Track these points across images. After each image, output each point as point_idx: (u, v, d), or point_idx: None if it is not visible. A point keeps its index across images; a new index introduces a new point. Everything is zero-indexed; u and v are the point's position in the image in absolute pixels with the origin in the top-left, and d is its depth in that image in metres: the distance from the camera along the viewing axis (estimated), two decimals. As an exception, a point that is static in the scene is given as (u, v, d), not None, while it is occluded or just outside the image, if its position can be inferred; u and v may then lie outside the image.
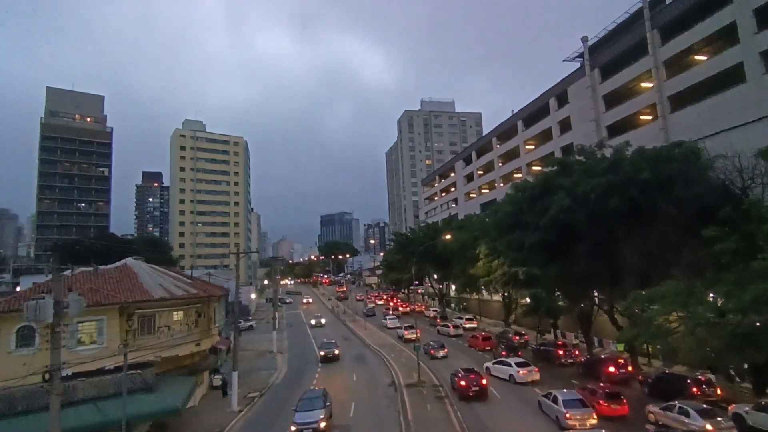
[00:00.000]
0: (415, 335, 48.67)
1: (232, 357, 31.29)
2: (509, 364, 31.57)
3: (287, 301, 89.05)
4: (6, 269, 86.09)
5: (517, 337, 43.68)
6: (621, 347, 33.92)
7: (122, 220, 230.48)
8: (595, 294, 34.64)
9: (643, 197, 25.15)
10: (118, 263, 30.02)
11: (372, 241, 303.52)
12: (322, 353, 42.82)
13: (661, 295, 20.80)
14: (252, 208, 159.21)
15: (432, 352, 41.00)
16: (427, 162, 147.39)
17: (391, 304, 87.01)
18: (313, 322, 64.78)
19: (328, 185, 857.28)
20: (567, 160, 32.05)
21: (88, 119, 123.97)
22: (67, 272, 25.94)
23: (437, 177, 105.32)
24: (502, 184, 70.30)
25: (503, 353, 37.50)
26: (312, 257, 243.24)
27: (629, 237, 25.75)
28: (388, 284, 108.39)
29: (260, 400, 30.88)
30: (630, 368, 30.27)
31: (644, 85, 42.72)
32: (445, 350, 41.11)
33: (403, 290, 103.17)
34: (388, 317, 65.36)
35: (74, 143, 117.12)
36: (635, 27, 43.82)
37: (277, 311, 57.60)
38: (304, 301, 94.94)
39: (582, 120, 50.96)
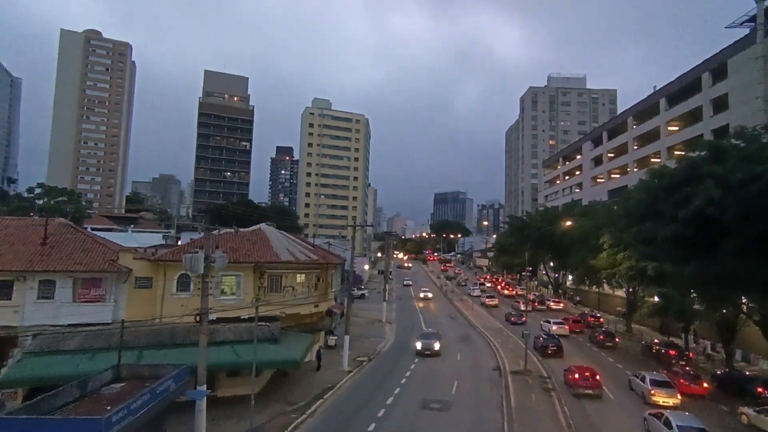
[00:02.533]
0: (495, 302, 64.54)
1: (345, 321, 33.53)
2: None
3: (405, 283, 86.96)
4: (172, 225, 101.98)
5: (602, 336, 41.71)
6: (773, 365, 29.05)
7: (258, 189, 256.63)
8: (743, 300, 29.84)
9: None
10: (253, 227, 33.66)
11: (485, 223, 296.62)
12: (418, 346, 35.57)
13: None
14: (369, 184, 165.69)
15: (513, 319, 51.25)
16: (550, 142, 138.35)
17: (499, 286, 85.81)
18: (421, 295, 66.62)
19: (445, 164, 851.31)
20: (720, 143, 27.54)
21: (235, 98, 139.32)
22: (215, 232, 29.89)
23: (561, 159, 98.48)
24: (635, 169, 63.28)
25: (600, 337, 40.88)
26: (424, 234, 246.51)
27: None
28: (500, 267, 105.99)
29: (368, 365, 32.76)
30: (784, 391, 25.89)
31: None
32: (524, 318, 46.69)
33: (514, 275, 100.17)
34: (474, 287, 78.01)
35: (223, 120, 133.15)
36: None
37: (388, 283, 59.89)
38: (406, 282, 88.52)
39: (744, 97, 43.17)
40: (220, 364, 22.11)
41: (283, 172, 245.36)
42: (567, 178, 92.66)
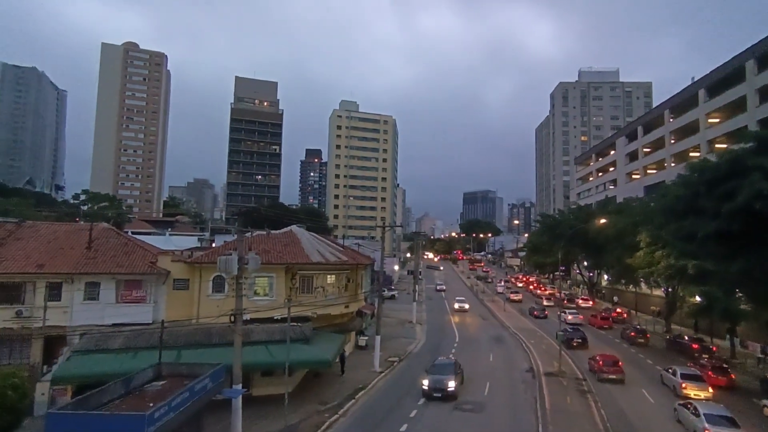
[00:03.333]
0: (519, 297, 68.60)
1: (376, 322, 33.68)
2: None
3: (438, 288, 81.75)
4: (206, 228, 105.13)
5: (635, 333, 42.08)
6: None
7: (289, 191, 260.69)
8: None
9: None
10: (285, 229, 34.29)
11: (516, 222, 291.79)
12: (425, 384, 24.63)
13: None
14: (398, 184, 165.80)
15: (535, 313, 55.20)
16: (582, 138, 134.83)
17: (531, 286, 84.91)
18: (456, 306, 60.45)
19: (474, 163, 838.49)
20: (768, 135, 26.16)
21: (265, 104, 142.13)
22: (248, 234, 30.64)
23: (593, 155, 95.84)
24: (673, 164, 60.87)
25: (632, 334, 41.41)
26: (453, 234, 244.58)
27: None
28: (531, 267, 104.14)
29: (399, 365, 32.78)
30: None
31: None
32: (546, 312, 53.62)
33: (547, 275, 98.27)
34: (500, 283, 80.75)
35: (254, 124, 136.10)
36: None
37: (418, 284, 59.74)
38: (439, 287, 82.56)
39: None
40: (255, 363, 22.63)
41: (312, 174, 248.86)
42: (600, 174, 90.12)
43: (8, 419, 17.65)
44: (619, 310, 56.57)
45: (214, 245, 38.81)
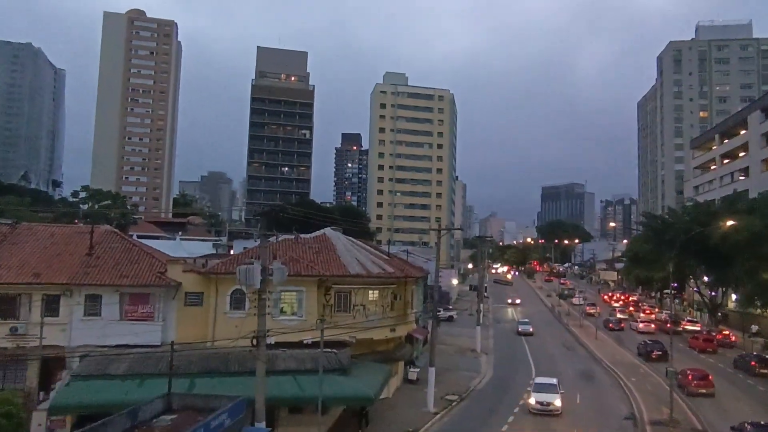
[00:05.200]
0: (597, 310, 72.80)
1: (430, 350, 33.59)
2: None
3: (509, 301, 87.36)
4: (223, 231, 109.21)
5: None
6: None
7: (321, 186, 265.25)
8: None
9: None
10: (317, 233, 34.90)
11: (611, 224, 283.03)
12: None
13: None
14: (457, 176, 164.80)
15: (610, 325, 63.22)
16: (700, 115, 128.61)
17: (630, 307, 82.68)
18: (520, 329, 61.24)
19: (557, 149, 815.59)
20: None
21: (293, 78, 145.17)
22: (272, 239, 31.42)
23: (716, 136, 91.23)
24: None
25: (752, 363, 41.56)
26: (528, 240, 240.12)
27: None
28: (632, 282, 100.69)
29: (459, 405, 32.52)
30: None
31: None
32: (622, 324, 63.05)
33: (653, 294, 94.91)
34: (577, 295, 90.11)
35: (279, 104, 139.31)
36: None
37: (482, 303, 59.09)
38: (509, 301, 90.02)
39: None
40: (281, 397, 23.18)
41: (350, 165, 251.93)
42: (726, 162, 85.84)
43: (2, 451, 19.09)
44: (726, 332, 58.07)
45: (232, 252, 40.19)
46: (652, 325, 63.19)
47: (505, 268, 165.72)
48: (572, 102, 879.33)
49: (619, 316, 72.06)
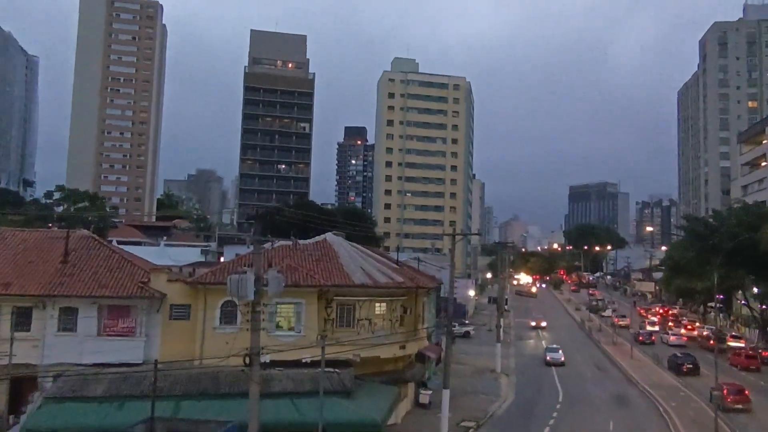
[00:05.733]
0: (626, 322, 79.49)
1: (444, 370, 33.47)
2: None
3: (533, 323, 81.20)
4: (212, 236, 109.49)
5: None
6: None
7: (322, 185, 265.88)
8: None
9: None
10: (317, 238, 34.91)
11: (648, 228, 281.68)
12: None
13: None
14: (474, 174, 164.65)
15: (640, 338, 67.10)
16: (749, 104, 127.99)
17: (670, 322, 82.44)
18: (549, 357, 55.77)
19: (587, 143, 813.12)
20: None
21: (290, 65, 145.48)
22: (267, 245, 31.43)
23: (767, 129, 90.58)
24: None
25: None
26: (555, 246, 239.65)
27: None
28: (673, 294, 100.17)
29: (476, 432, 32.43)
30: None
31: None
32: (653, 338, 67.36)
33: (696, 307, 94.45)
34: (608, 307, 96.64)
35: (275, 94, 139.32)
36: None
37: (503, 317, 58.91)
38: (533, 323, 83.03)
39: None
40: (277, 422, 23.12)
41: (354, 162, 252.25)
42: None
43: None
44: None
45: (222, 260, 40.31)
46: (684, 338, 67.86)
47: (530, 279, 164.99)
48: (605, 91, 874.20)
49: (649, 328, 76.12)
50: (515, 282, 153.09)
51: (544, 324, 79.43)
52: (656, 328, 77.74)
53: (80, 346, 26.96)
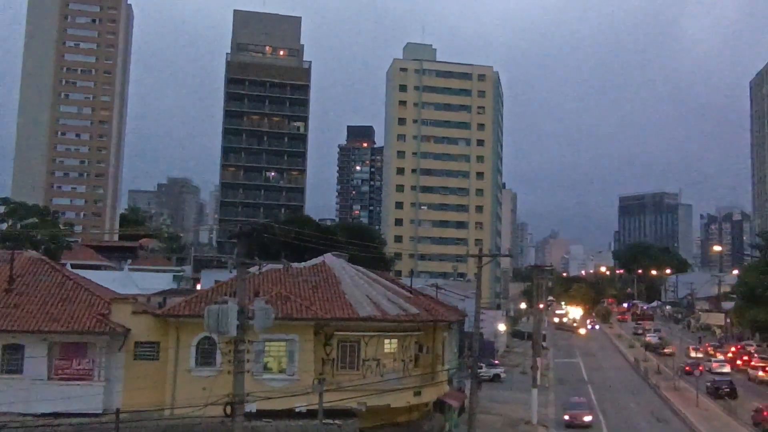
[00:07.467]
0: (671, 349, 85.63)
1: (468, 421, 33.19)
2: None
3: (568, 418, 65.68)
4: (187, 259, 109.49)
5: None
6: None
7: (320, 197, 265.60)
8: None
9: None
10: (314, 260, 34.85)
11: (716, 248, 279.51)
12: None
13: None
14: (504, 183, 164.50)
15: (687, 368, 69.09)
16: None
17: (740, 360, 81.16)
18: (567, 418, 49.93)
19: (641, 146, 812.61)
20: None
21: (281, 52, 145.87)
22: (254, 269, 31.37)
23: None
24: None
25: None
26: (603, 269, 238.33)
27: None
28: (747, 328, 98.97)
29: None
30: None
31: None
32: (700, 368, 66.43)
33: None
34: (645, 329, 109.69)
35: (263, 87, 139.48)
36: None
37: (540, 356, 58.40)
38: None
39: None
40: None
41: (358, 168, 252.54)
42: None
43: None
44: None
45: (199, 287, 40.32)
46: (727, 366, 74.46)
47: (578, 311, 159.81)
48: (663, 83, 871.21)
49: (693, 354, 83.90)
50: (556, 319, 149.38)
51: (588, 419, 59.17)
52: (701, 354, 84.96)
53: (27, 392, 26.82)
